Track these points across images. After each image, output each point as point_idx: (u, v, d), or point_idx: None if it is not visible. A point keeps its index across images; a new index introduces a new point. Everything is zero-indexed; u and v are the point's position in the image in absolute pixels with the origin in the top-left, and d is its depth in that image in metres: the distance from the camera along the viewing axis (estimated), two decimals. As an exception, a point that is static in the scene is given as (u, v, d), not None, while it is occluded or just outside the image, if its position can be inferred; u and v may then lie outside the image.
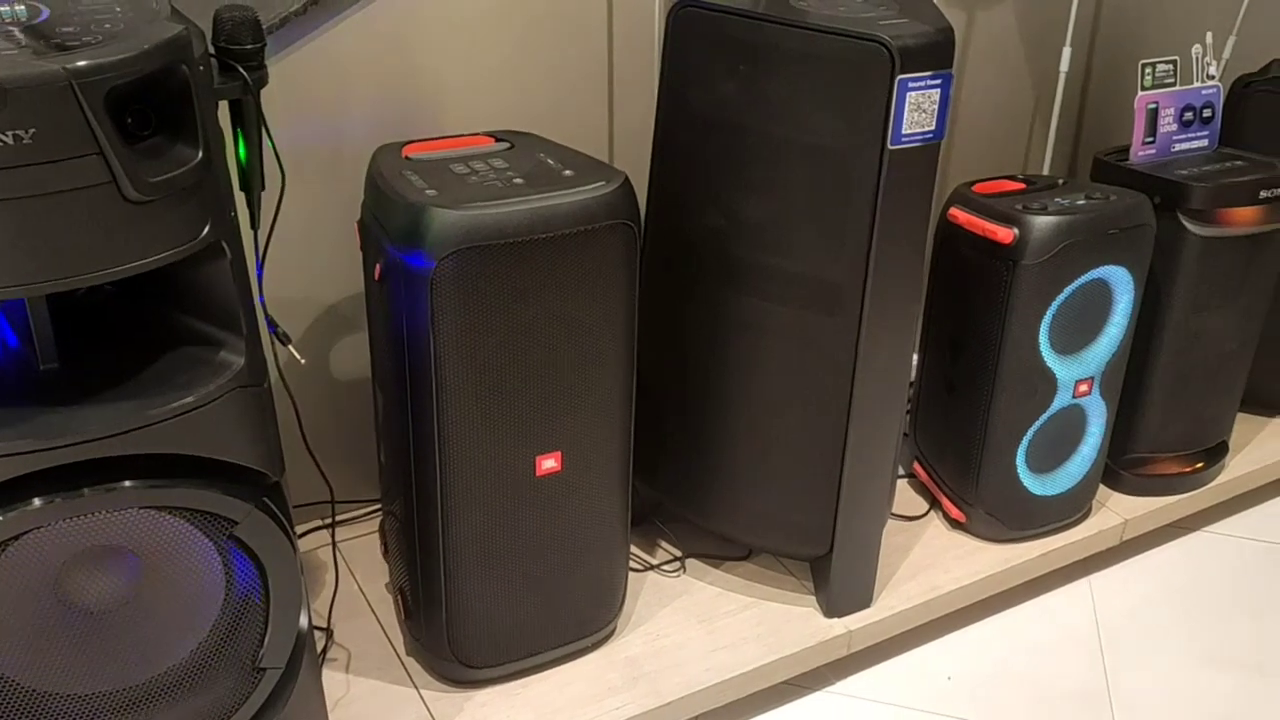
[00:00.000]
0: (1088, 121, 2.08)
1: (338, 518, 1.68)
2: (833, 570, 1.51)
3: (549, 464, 1.30)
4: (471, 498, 1.27)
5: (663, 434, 1.56)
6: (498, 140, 1.37)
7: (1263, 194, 1.65)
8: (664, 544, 1.67)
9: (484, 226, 1.15)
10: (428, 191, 1.18)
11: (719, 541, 1.66)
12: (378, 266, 1.21)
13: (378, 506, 1.71)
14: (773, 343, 1.41)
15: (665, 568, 1.63)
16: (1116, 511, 1.79)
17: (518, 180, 1.23)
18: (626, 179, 1.24)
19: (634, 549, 1.65)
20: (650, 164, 1.46)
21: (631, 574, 1.59)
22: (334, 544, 1.63)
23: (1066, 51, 1.85)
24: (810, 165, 1.31)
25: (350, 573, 1.59)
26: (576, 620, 1.42)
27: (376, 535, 1.63)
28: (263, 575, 1.06)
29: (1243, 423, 2.03)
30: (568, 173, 1.25)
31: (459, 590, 1.32)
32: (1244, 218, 1.65)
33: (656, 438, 1.57)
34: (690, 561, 1.64)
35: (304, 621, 1.12)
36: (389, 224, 1.19)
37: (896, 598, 1.58)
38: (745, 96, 1.33)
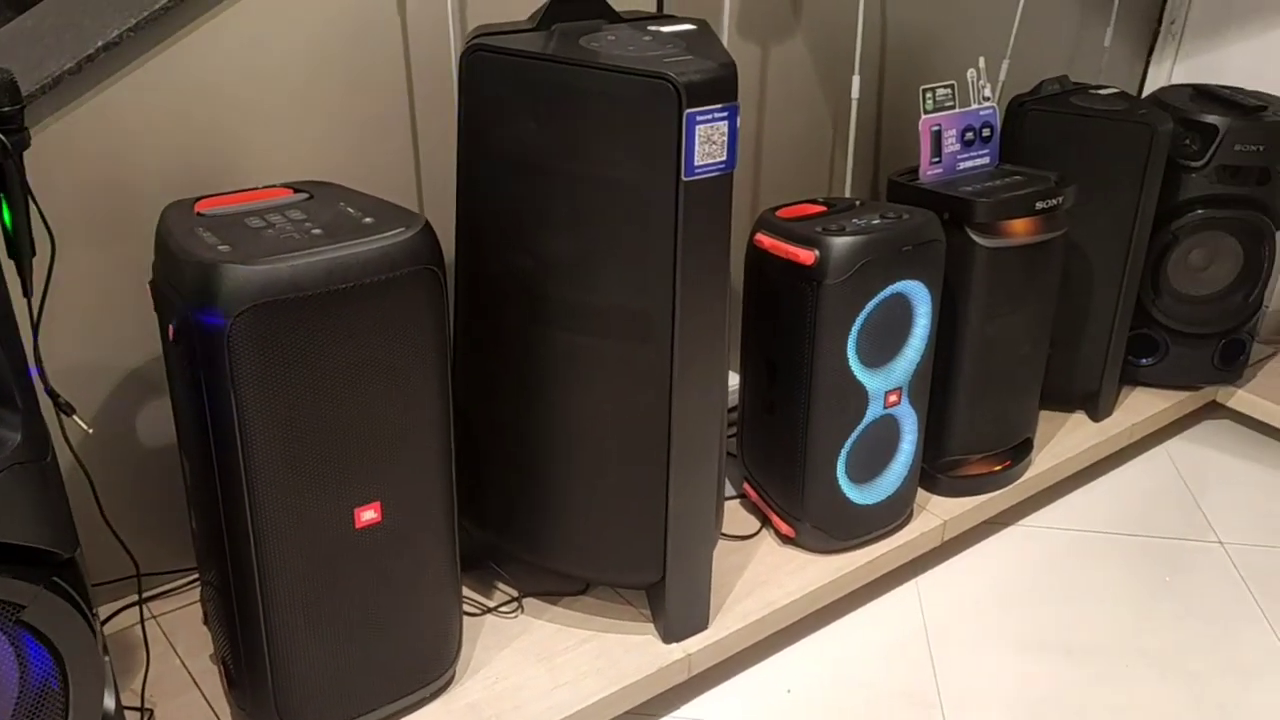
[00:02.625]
0: (884, 144, 2.19)
1: (157, 590, 1.61)
2: (667, 596, 1.52)
3: (369, 515, 1.28)
4: (288, 558, 1.24)
5: (488, 475, 1.56)
6: (296, 191, 1.35)
7: (1039, 205, 1.76)
8: (500, 585, 1.66)
9: (279, 281, 1.12)
10: (220, 248, 1.15)
11: (556, 578, 1.66)
12: (170, 327, 1.17)
13: (196, 576, 1.64)
14: (589, 376, 1.43)
15: (502, 609, 1.62)
16: (936, 513, 1.87)
17: (316, 231, 1.21)
18: (427, 224, 1.24)
19: (468, 593, 1.63)
20: (456, 206, 1.46)
21: (468, 619, 1.58)
22: (142, 619, 1.56)
23: (856, 80, 1.95)
24: (611, 201, 1.34)
25: (171, 647, 1.52)
26: (412, 671, 1.40)
27: (199, 606, 1.57)
28: (59, 659, 1.01)
29: (1044, 420, 2.15)
30: (368, 220, 1.24)
31: (283, 654, 1.28)
32: (1024, 228, 1.76)
33: (482, 479, 1.56)
34: (528, 600, 1.63)
35: (109, 704, 1.07)
36: (180, 283, 1.15)
37: (733, 617, 1.61)
38: (543, 136, 1.35)
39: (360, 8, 1.48)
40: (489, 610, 1.61)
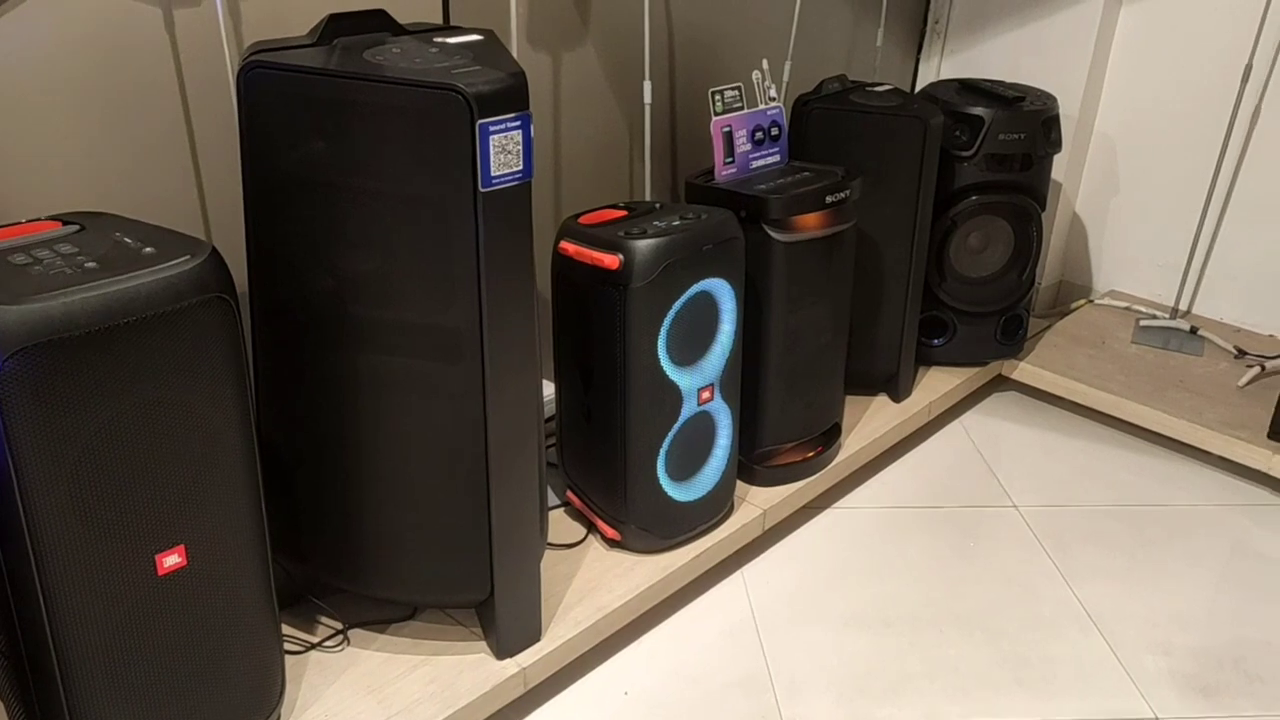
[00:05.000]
0: (680, 146, 2.23)
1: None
2: (497, 612, 1.51)
3: (172, 560, 1.21)
4: (84, 615, 1.15)
5: (302, 507, 1.50)
6: (66, 224, 1.26)
7: (829, 199, 1.84)
8: (323, 619, 1.60)
9: (51, 320, 1.05)
10: (-19, 288, 1.07)
11: (381, 605, 1.62)
12: (-70, 379, 1.08)
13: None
14: (401, 396, 1.40)
15: (327, 644, 1.56)
16: (756, 504, 1.92)
17: (90, 265, 1.13)
18: (214, 250, 1.18)
19: (289, 630, 1.57)
20: (245, 231, 1.40)
21: (291, 657, 1.52)
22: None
23: (647, 85, 1.98)
24: (409, 216, 1.31)
25: (-41, 726, 1.39)
26: (234, 719, 1.33)
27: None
28: None
29: (850, 404, 2.25)
30: (148, 250, 1.17)
31: (87, 719, 1.19)
32: (816, 222, 1.83)
33: (296, 512, 1.50)
34: (354, 631, 1.58)
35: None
36: (-63, 330, 1.06)
37: (565, 626, 1.61)
38: (333, 154, 1.31)
39: (121, 28, 1.40)
40: (313, 646, 1.55)
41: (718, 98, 1.84)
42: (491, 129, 1.26)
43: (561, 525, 1.85)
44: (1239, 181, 2.50)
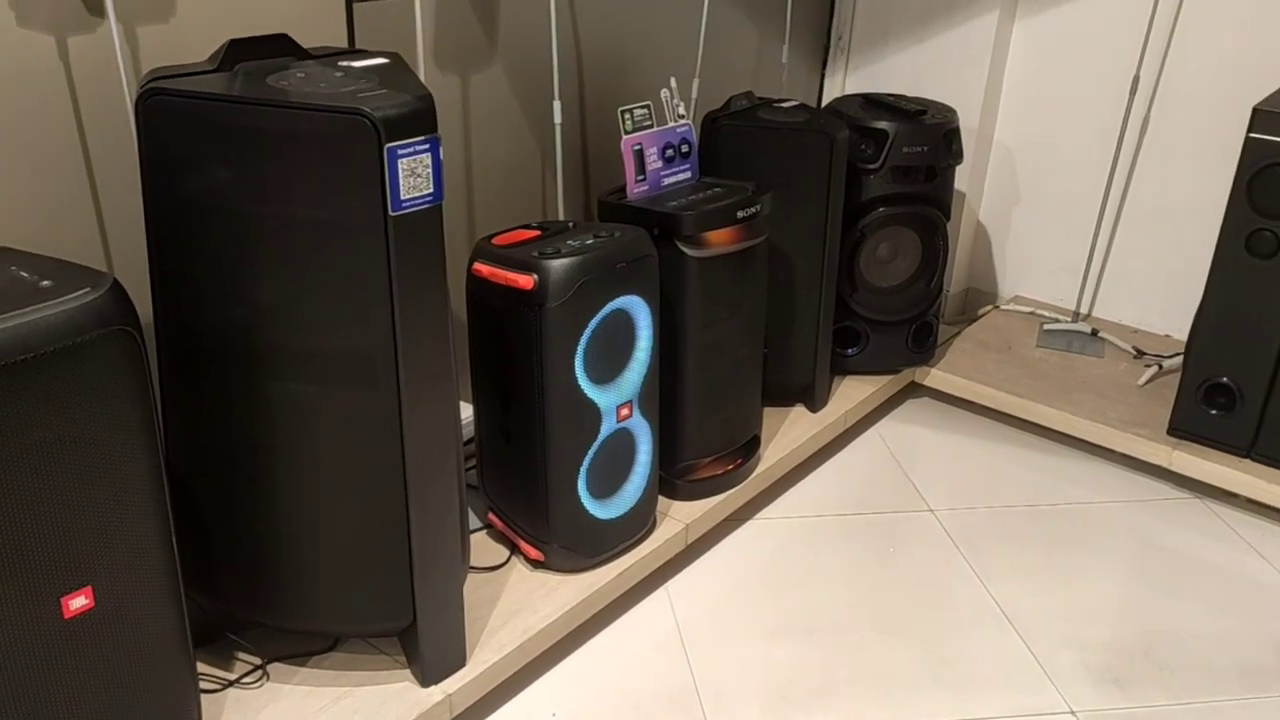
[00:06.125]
0: (592, 165, 2.25)
1: None
2: (421, 639, 1.49)
3: (79, 603, 1.17)
4: (-13, 663, 1.11)
5: (217, 541, 1.47)
6: (-43, 258, 1.22)
7: (740, 214, 1.86)
8: (241, 655, 1.57)
9: (-56, 358, 1.01)
10: None
11: (301, 638, 1.59)
12: None
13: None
14: (315, 423, 1.38)
15: (245, 680, 1.52)
16: (678, 518, 1.93)
17: (-16, 300, 1.10)
18: (116, 282, 1.16)
19: (205, 669, 1.53)
20: (149, 261, 1.37)
21: (209, 696, 1.48)
22: None
23: (556, 105, 1.99)
24: (319, 242, 1.30)
25: None
26: (148, 765, 1.29)
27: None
28: None
29: (768, 416, 2.27)
30: (46, 284, 1.14)
31: (-8, 771, 1.15)
32: (729, 237, 1.86)
33: (210, 546, 1.47)
34: (274, 666, 1.55)
35: None
36: None
37: (490, 650, 1.60)
38: (238, 181, 1.29)
39: (13, 55, 1.36)
40: (231, 684, 1.52)
41: (627, 116, 1.86)
42: (400, 153, 1.26)
43: (484, 548, 1.84)
44: (1131, 188, 2.60)
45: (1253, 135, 2.00)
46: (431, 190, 1.31)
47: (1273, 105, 2.00)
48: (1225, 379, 2.14)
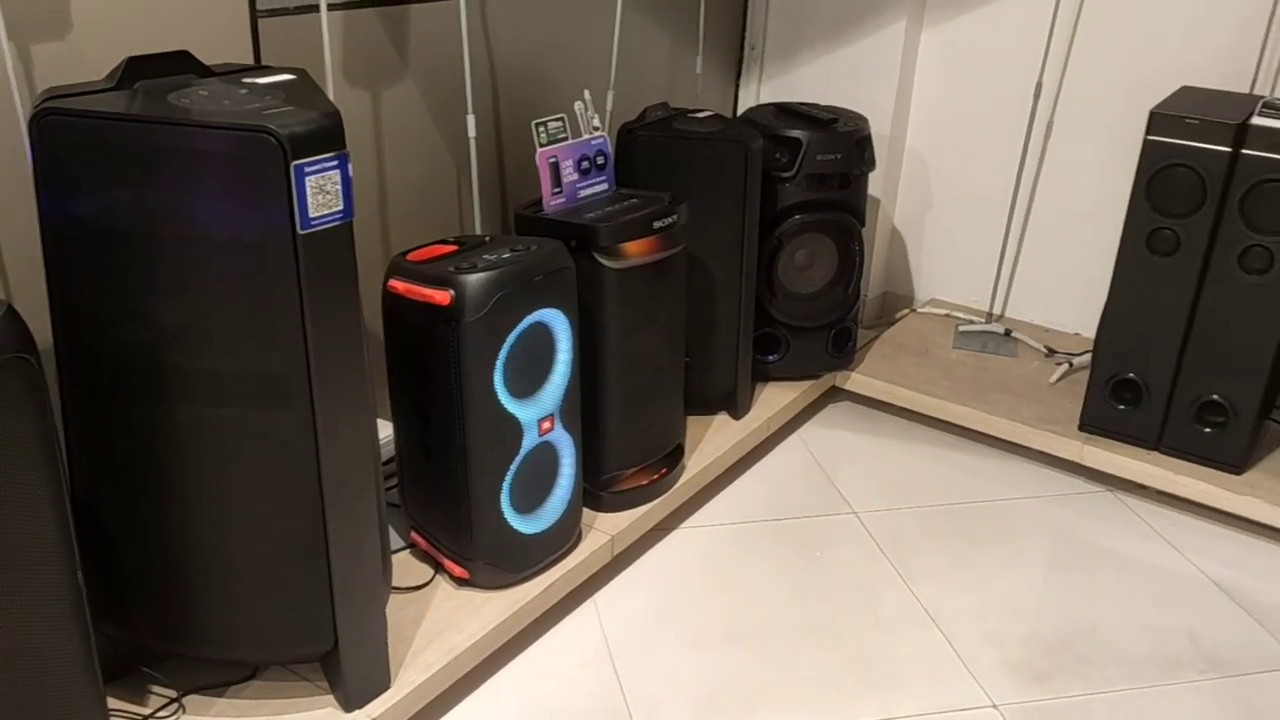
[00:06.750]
0: (509, 179, 2.24)
1: None
2: (343, 663, 1.46)
3: (-20, 642, 1.13)
4: (-119, 709, 1.07)
5: (127, 572, 1.42)
6: None
7: (656, 224, 1.87)
8: (155, 689, 1.52)
9: None
10: None
11: (219, 668, 1.55)
12: None
13: None
14: (228, 448, 1.35)
15: (160, 714, 1.48)
16: (603, 530, 1.93)
17: None
18: (11, 308, 1.12)
19: (117, 704, 1.48)
20: (47, 286, 1.33)
21: (122, 733, 1.44)
22: None
23: (470, 119, 1.98)
24: (227, 262, 1.27)
25: None
26: (58, 807, 1.25)
27: None
28: None
29: (692, 424, 2.28)
30: (-64, 312, 1.10)
31: (-111, 822, 1.10)
32: (646, 247, 1.86)
33: (120, 577, 1.43)
34: (190, 699, 1.51)
35: None
36: None
37: (415, 670, 1.58)
38: (140, 202, 1.25)
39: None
40: (145, 719, 1.47)
41: (541, 129, 1.86)
42: (307, 170, 1.24)
43: (407, 567, 1.81)
44: (1039, 191, 2.67)
45: (1150, 138, 2.07)
46: (341, 207, 1.29)
47: (1169, 109, 2.07)
48: (1132, 374, 2.21)
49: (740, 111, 2.80)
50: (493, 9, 2.09)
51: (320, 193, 1.26)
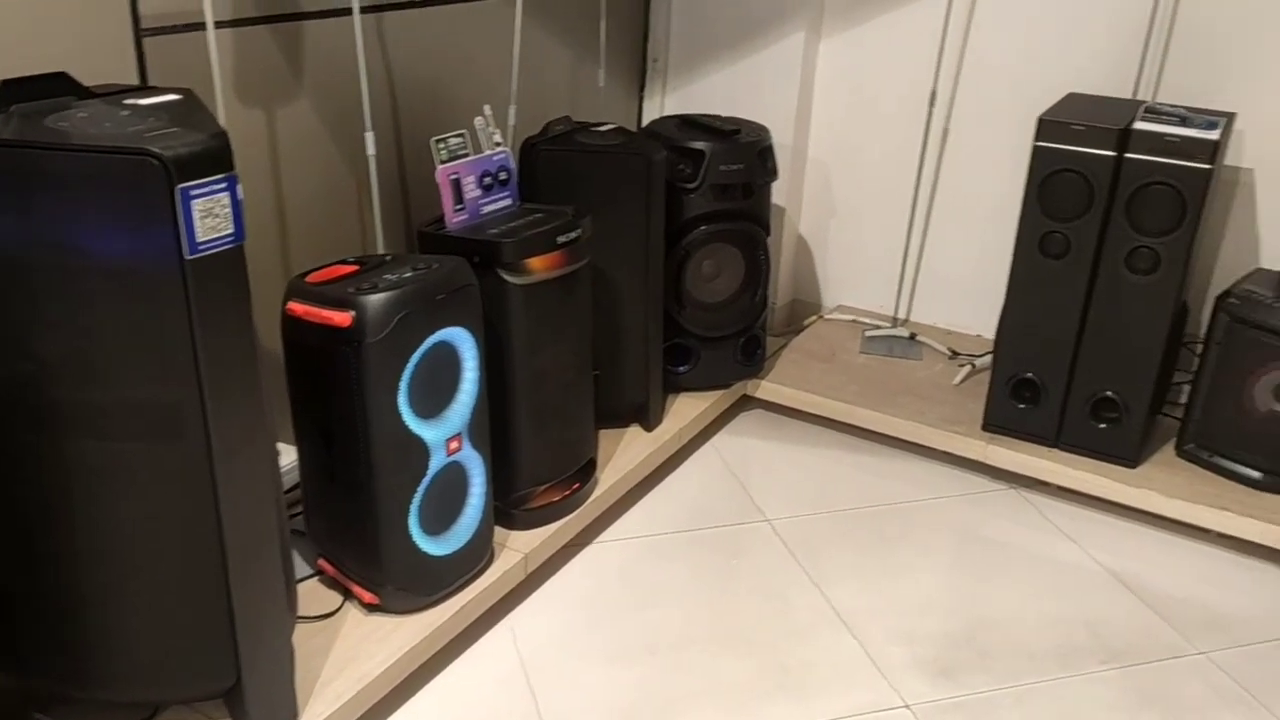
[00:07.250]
0: (412, 196, 2.21)
1: None
2: (247, 698, 1.42)
3: None
4: None
5: (15, 613, 1.37)
6: None
7: (560, 239, 1.86)
8: (50, 734, 1.47)
9: None
10: None
11: (116, 709, 1.49)
12: None
13: None
14: (120, 482, 1.30)
15: (56, 761, 1.43)
16: (516, 549, 1.91)
17: None
18: (-122, 345, 1.07)
19: (11, 753, 1.43)
20: (-80, 319, 1.27)
21: (15, 782, 1.38)
22: None
23: (369, 136, 1.95)
24: (112, 290, 1.23)
25: None
26: None
27: None
28: None
29: (604, 438, 2.28)
30: None
31: None
32: (551, 262, 1.85)
33: (8, 618, 1.37)
34: (88, 742, 1.46)
35: None
36: None
37: (324, 701, 1.54)
38: (18, 229, 1.21)
39: None
40: (40, 765, 1.42)
41: (441, 146, 1.84)
42: (193, 193, 1.20)
43: (315, 595, 1.77)
44: (937, 196, 2.73)
45: (1039, 144, 2.13)
46: (232, 230, 1.26)
47: (1055, 115, 2.14)
48: (1030, 374, 2.27)
49: (644, 124, 2.81)
50: (390, 24, 2.06)
51: (209, 216, 1.23)
